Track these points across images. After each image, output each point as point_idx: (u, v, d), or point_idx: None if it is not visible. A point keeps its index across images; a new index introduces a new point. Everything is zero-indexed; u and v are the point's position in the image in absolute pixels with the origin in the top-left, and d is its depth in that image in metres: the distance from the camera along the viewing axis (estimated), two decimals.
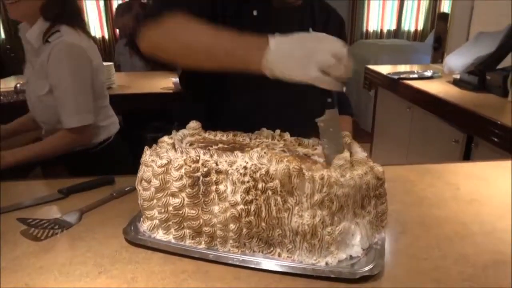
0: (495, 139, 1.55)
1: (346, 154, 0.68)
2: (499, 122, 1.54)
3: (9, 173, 1.24)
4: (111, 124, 1.49)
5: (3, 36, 5.83)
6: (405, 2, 5.66)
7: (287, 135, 0.83)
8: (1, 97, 1.98)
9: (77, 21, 1.35)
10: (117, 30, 4.74)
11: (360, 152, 0.73)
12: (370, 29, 5.73)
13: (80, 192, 0.96)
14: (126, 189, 0.95)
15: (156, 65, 3.71)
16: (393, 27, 5.77)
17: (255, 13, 0.95)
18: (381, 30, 5.75)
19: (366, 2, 5.63)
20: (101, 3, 5.36)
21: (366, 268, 0.63)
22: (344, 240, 0.66)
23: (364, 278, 0.62)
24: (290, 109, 0.97)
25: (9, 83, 2.56)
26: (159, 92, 2.22)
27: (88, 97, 1.33)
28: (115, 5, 5.31)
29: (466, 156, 1.78)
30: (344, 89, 1.28)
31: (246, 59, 0.71)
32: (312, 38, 0.69)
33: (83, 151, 1.40)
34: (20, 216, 0.82)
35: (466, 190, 0.96)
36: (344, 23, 1.15)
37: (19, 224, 0.79)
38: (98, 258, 0.70)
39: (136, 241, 0.73)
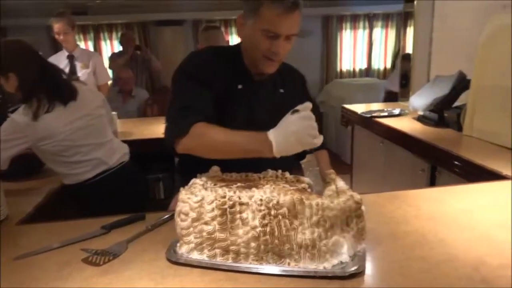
0: (453, 168, 1.84)
1: (332, 186, 0.94)
2: (455, 154, 1.84)
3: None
4: (80, 173, 1.70)
5: None
6: (374, 44, 6.21)
7: (287, 174, 1.09)
8: None
9: (30, 102, 1.58)
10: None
11: (342, 184, 0.99)
12: (344, 69, 6.22)
13: (119, 228, 1.18)
14: (158, 223, 1.17)
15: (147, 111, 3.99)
16: (364, 66, 6.29)
17: (240, 87, 1.25)
18: (354, 69, 6.24)
19: (338, 44, 6.15)
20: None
21: (353, 269, 0.87)
22: (335, 250, 0.90)
23: (352, 276, 0.86)
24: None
25: None
26: (160, 137, 2.45)
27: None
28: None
29: (432, 183, 2.06)
30: None
31: (259, 151, 1.02)
32: (294, 119, 0.98)
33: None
34: (75, 249, 1.04)
35: (425, 210, 1.22)
36: (305, 80, 1.48)
37: (78, 255, 1.00)
38: (151, 274, 0.92)
39: (178, 261, 0.95)
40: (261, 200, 0.90)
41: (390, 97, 3.97)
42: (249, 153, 1.04)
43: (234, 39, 5.90)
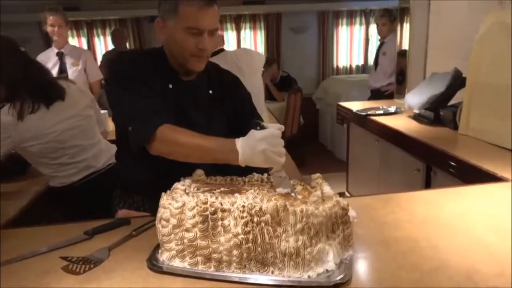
0: (449, 168, 1.81)
1: (318, 192, 0.90)
2: (450, 154, 1.80)
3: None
4: (66, 175, 1.67)
5: None
6: (370, 40, 6.16)
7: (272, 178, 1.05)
8: None
9: (14, 102, 1.53)
10: None
11: (328, 190, 0.96)
12: (340, 65, 6.17)
13: (103, 233, 1.14)
14: (142, 228, 1.14)
15: None
16: (361, 62, 6.23)
17: (170, 86, 1.25)
18: (350, 66, 6.19)
19: (334, 40, 6.09)
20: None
21: (338, 278, 0.84)
22: (321, 258, 0.86)
23: (337, 285, 0.82)
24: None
25: None
26: None
27: None
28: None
29: (428, 183, 2.03)
30: None
31: (227, 158, 1.03)
32: (262, 137, 0.98)
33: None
34: (56, 256, 1.00)
35: (419, 214, 1.19)
36: (238, 80, 1.43)
37: (59, 262, 0.97)
38: (132, 284, 0.88)
39: (160, 270, 0.92)
40: (243, 206, 0.87)
41: (378, 95, 3.91)
42: (217, 160, 1.05)
43: (229, 35, 5.86)
